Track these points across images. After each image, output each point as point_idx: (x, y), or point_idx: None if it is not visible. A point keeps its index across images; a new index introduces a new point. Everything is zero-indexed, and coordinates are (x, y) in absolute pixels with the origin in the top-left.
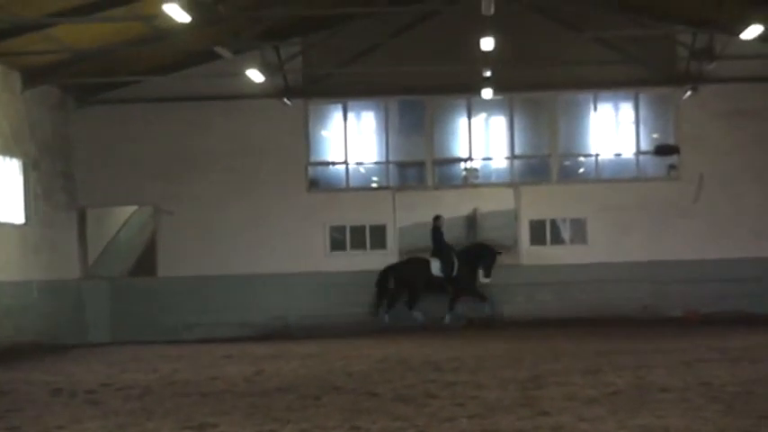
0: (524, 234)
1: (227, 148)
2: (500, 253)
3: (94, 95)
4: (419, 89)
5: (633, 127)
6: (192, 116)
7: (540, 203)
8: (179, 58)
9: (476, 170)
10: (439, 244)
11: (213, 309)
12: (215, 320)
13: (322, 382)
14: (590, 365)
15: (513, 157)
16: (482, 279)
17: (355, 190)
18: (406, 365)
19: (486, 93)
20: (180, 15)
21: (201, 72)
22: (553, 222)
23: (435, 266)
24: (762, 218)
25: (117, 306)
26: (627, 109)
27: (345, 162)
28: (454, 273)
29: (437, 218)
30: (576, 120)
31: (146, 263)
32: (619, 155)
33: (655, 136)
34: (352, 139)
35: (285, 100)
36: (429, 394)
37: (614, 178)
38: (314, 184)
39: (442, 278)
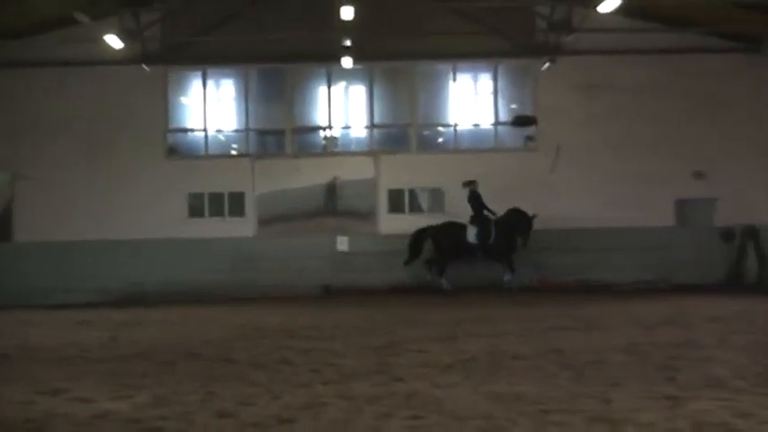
0: (383, 203)
1: (85, 114)
2: (535, 216)
3: None
4: (279, 57)
5: (492, 98)
6: (49, 82)
7: (398, 173)
8: (36, 22)
9: (335, 139)
10: (478, 210)
11: (70, 275)
12: (72, 286)
13: (178, 349)
14: (446, 333)
15: (372, 126)
16: (521, 247)
17: (214, 157)
18: (263, 332)
19: (346, 61)
20: None
21: (60, 37)
22: (412, 191)
23: (472, 233)
24: (615, 188)
25: None
26: (486, 80)
27: (204, 129)
28: (490, 241)
29: (471, 182)
30: (435, 90)
31: (2, 228)
32: (477, 125)
33: (513, 107)
34: (211, 106)
35: (144, 66)
36: (285, 361)
37: (473, 148)
38: (173, 150)
39: (476, 245)
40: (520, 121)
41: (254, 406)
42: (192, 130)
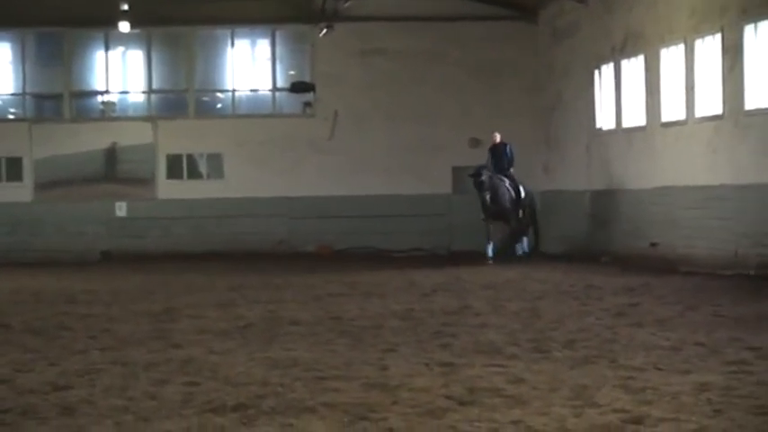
0: (161, 168)
1: None
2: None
3: None
4: (56, 21)
5: (270, 64)
6: None
7: (177, 138)
8: None
9: (113, 104)
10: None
11: None
12: None
13: None
14: (223, 299)
15: (150, 91)
16: None
17: None
18: (40, 298)
19: (124, 26)
20: None
21: None
22: (190, 157)
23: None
24: (393, 155)
25: None
26: (264, 46)
27: None
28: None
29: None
30: (213, 56)
31: None
32: (255, 91)
33: (291, 73)
34: None
35: None
36: (62, 326)
37: (251, 114)
38: None
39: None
40: (298, 87)
41: (31, 372)
42: None
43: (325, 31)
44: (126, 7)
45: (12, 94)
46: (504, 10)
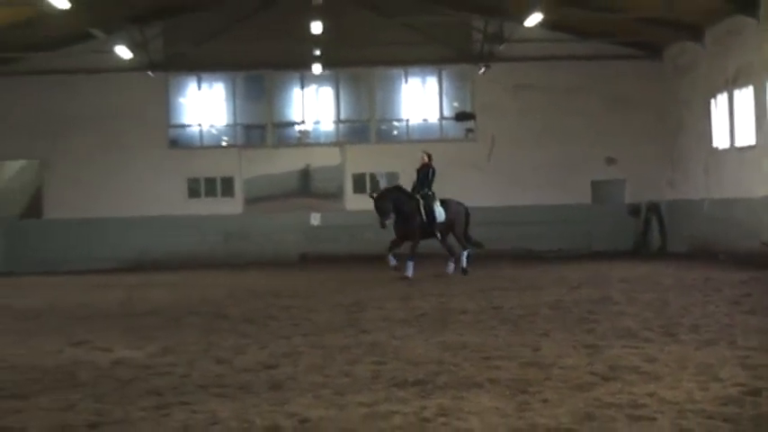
0: (348, 185)
1: (101, 114)
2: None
3: None
4: (261, 64)
5: (437, 97)
6: (70, 86)
7: (361, 160)
8: (59, 37)
9: (308, 132)
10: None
11: (90, 245)
12: (91, 255)
13: (182, 307)
14: (401, 293)
15: (339, 121)
16: None
17: (208, 148)
18: (252, 293)
19: (316, 68)
20: (60, 2)
21: (78, 50)
22: (372, 175)
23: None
24: (542, 172)
25: (9, 243)
26: (432, 82)
27: (200, 125)
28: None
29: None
30: (390, 91)
31: (34, 207)
32: (426, 120)
33: (455, 104)
34: (205, 105)
35: (149, 73)
36: (270, 316)
37: (422, 139)
38: (174, 142)
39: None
40: (461, 116)
41: (246, 354)
42: (190, 126)
43: (483, 69)
44: (318, 53)
45: (225, 125)
46: (633, 50)
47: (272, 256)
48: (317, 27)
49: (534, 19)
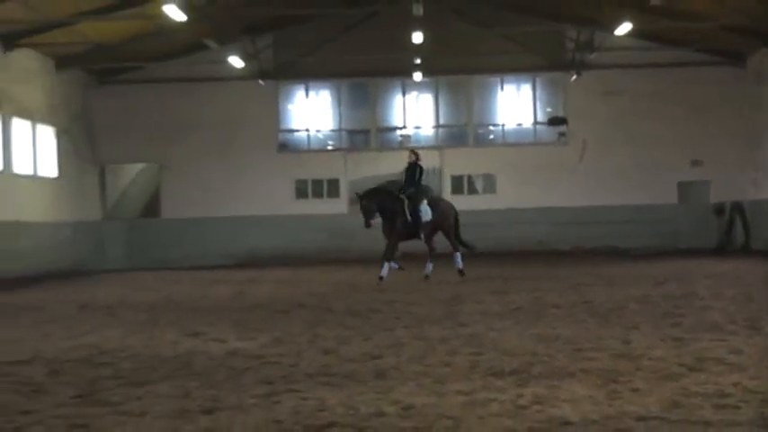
0: (447, 186)
1: (215, 119)
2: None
3: (112, 77)
4: (365, 73)
5: (531, 103)
6: (186, 94)
7: (459, 162)
8: (176, 48)
9: (409, 136)
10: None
11: (204, 243)
12: (205, 252)
13: (290, 300)
14: (498, 288)
15: (438, 126)
16: None
17: (315, 151)
18: (356, 288)
19: (417, 76)
20: (177, 15)
21: (194, 59)
22: (469, 177)
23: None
24: (629, 174)
25: (130, 240)
26: (526, 89)
27: (307, 130)
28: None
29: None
30: (487, 97)
31: (152, 207)
32: (520, 125)
33: (548, 110)
34: (312, 111)
35: (260, 81)
36: (373, 310)
37: (517, 143)
38: (283, 146)
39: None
40: (554, 121)
41: (351, 345)
42: (298, 130)
43: (575, 77)
44: (419, 61)
45: (331, 130)
46: (716, 57)
47: (374, 253)
48: (417, 37)
49: (624, 28)
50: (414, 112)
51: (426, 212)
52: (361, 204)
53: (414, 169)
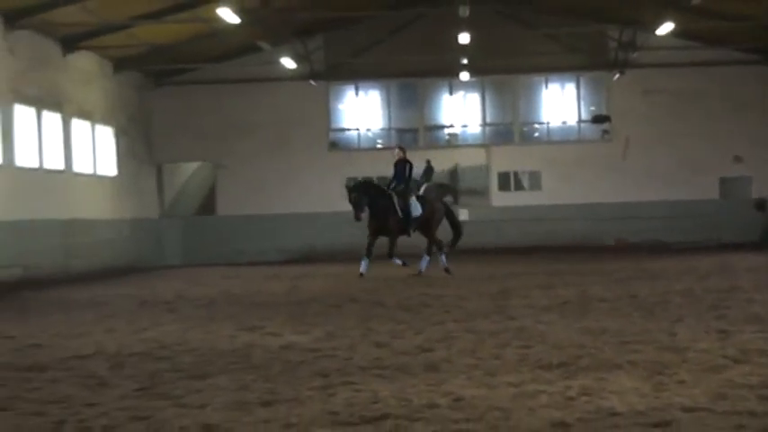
0: (494, 183)
1: (268, 119)
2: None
3: (168, 78)
4: (413, 73)
5: (575, 101)
6: (240, 94)
7: (505, 160)
8: (230, 49)
9: (456, 135)
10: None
11: (258, 239)
12: (260, 248)
13: (343, 295)
14: (545, 282)
15: (484, 124)
16: None
17: (365, 150)
18: (406, 282)
19: (464, 76)
20: (231, 18)
21: (247, 61)
22: (516, 174)
23: None
24: (671, 170)
25: (187, 237)
26: (570, 88)
27: (357, 129)
28: None
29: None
30: (532, 96)
31: (208, 205)
32: (565, 123)
33: (592, 108)
34: (362, 111)
35: (311, 82)
36: (424, 304)
37: (561, 140)
38: (334, 145)
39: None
40: (598, 119)
41: (402, 339)
42: (348, 129)
43: (618, 75)
44: (465, 61)
45: (381, 129)
46: (755, 56)
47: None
48: (464, 38)
49: (666, 28)
50: (461, 111)
51: (416, 208)
52: (350, 197)
53: (403, 166)
